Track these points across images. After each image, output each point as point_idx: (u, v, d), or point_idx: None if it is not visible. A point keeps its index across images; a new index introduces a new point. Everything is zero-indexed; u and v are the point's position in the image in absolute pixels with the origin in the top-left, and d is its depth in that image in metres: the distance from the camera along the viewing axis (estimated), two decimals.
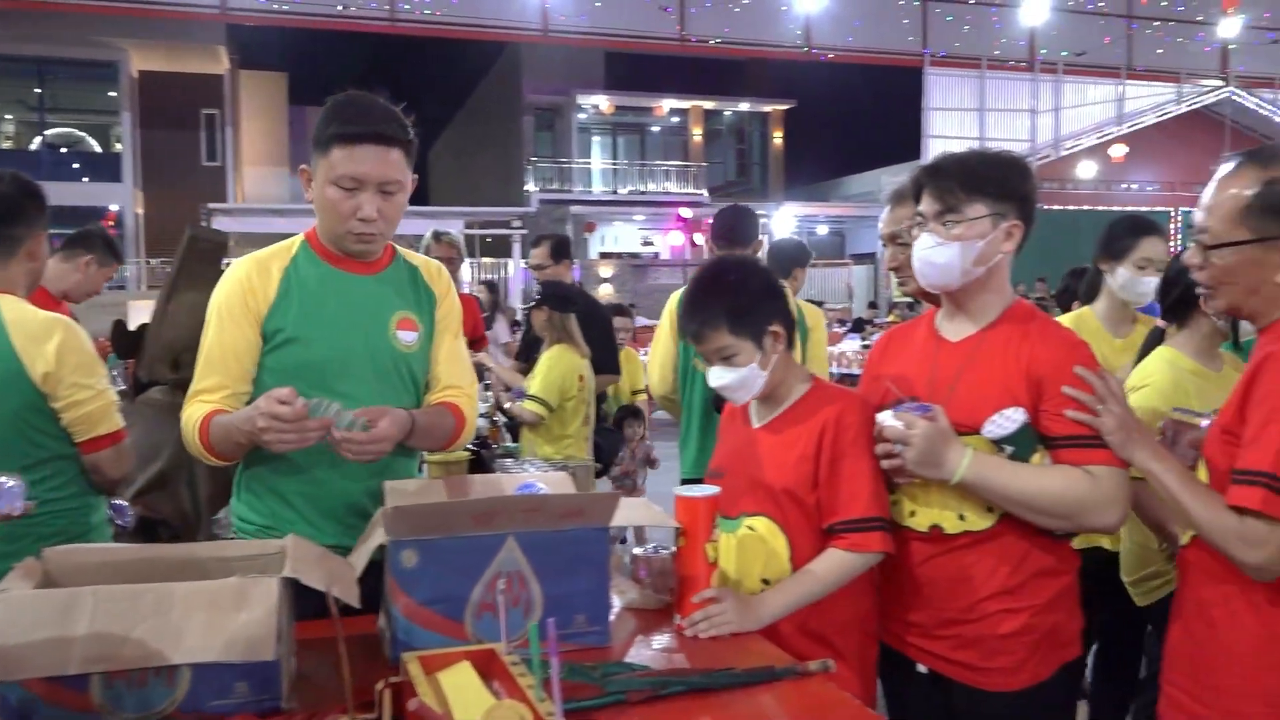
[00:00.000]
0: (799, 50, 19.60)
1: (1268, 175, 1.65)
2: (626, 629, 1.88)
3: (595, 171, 28.09)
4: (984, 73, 20.55)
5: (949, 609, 1.90)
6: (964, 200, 1.88)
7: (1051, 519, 1.82)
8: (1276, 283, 1.66)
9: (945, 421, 1.84)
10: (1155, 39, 20.88)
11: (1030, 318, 1.93)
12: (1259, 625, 1.65)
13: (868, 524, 1.90)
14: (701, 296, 2.01)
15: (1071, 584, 1.93)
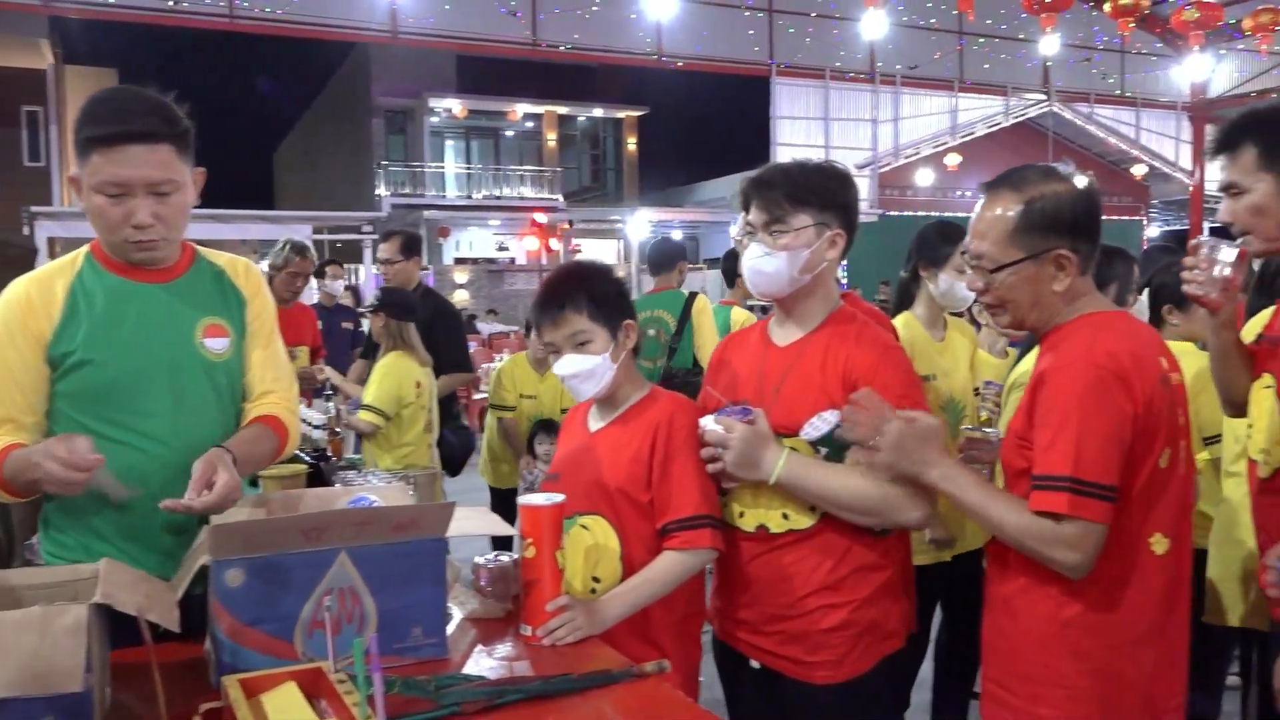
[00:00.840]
0: (650, 57, 19.82)
1: (1026, 196, 1.76)
2: (467, 639, 1.87)
3: (449, 176, 27.70)
4: (828, 83, 21.24)
5: (775, 605, 1.97)
6: (790, 211, 1.94)
7: (861, 516, 1.90)
8: (1054, 292, 1.77)
9: (765, 425, 1.92)
10: (984, 55, 22.04)
11: (850, 321, 2.02)
12: (1055, 613, 1.74)
13: (697, 522, 1.95)
14: (563, 281, 2.05)
15: (893, 578, 2.00)
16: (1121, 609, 1.73)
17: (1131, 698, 1.74)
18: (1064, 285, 1.77)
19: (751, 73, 20.91)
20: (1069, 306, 1.80)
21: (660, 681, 1.69)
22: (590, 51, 19.64)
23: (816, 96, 21.36)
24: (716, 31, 19.89)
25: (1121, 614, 1.73)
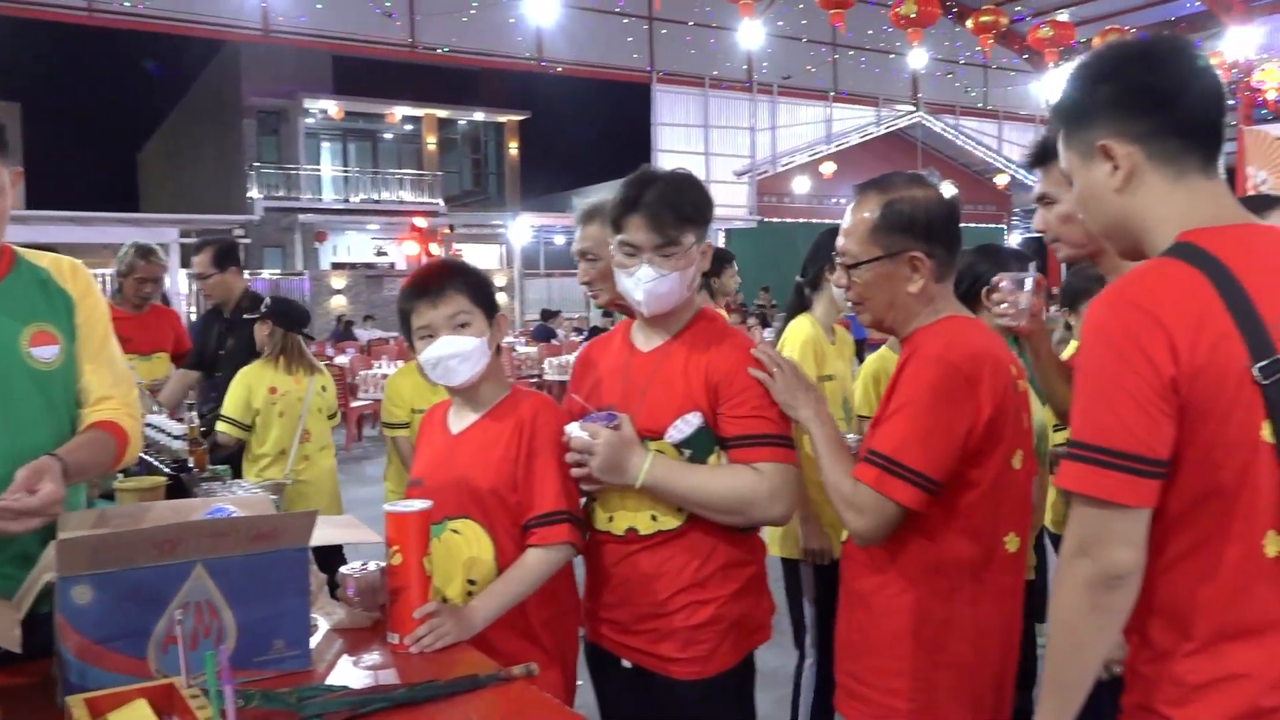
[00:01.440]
0: (530, 62, 19.78)
1: (887, 198, 1.86)
2: (332, 650, 1.85)
3: (325, 178, 27.03)
4: (707, 91, 21.60)
5: (645, 604, 1.99)
6: (680, 232, 1.96)
7: (724, 515, 1.95)
8: (909, 293, 1.86)
9: (630, 430, 1.95)
10: (856, 66, 22.76)
11: (712, 326, 2.07)
12: (911, 607, 1.81)
13: (555, 518, 1.97)
14: (443, 266, 2.08)
15: (758, 573, 2.06)
16: (976, 604, 1.81)
17: (981, 688, 1.83)
18: (918, 287, 1.85)
19: (632, 79, 21.09)
20: (927, 310, 1.88)
21: (528, 685, 1.70)
22: (470, 55, 19.48)
23: (696, 104, 21.68)
24: (597, 38, 20.00)
25: (976, 609, 1.81)
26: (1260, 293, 1.29)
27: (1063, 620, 1.36)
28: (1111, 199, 1.43)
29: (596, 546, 2.06)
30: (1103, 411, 1.31)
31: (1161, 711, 1.36)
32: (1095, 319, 1.35)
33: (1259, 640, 1.31)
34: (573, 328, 18.00)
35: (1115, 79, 1.41)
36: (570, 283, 25.05)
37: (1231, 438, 1.29)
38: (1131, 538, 1.30)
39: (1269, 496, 1.29)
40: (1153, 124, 1.38)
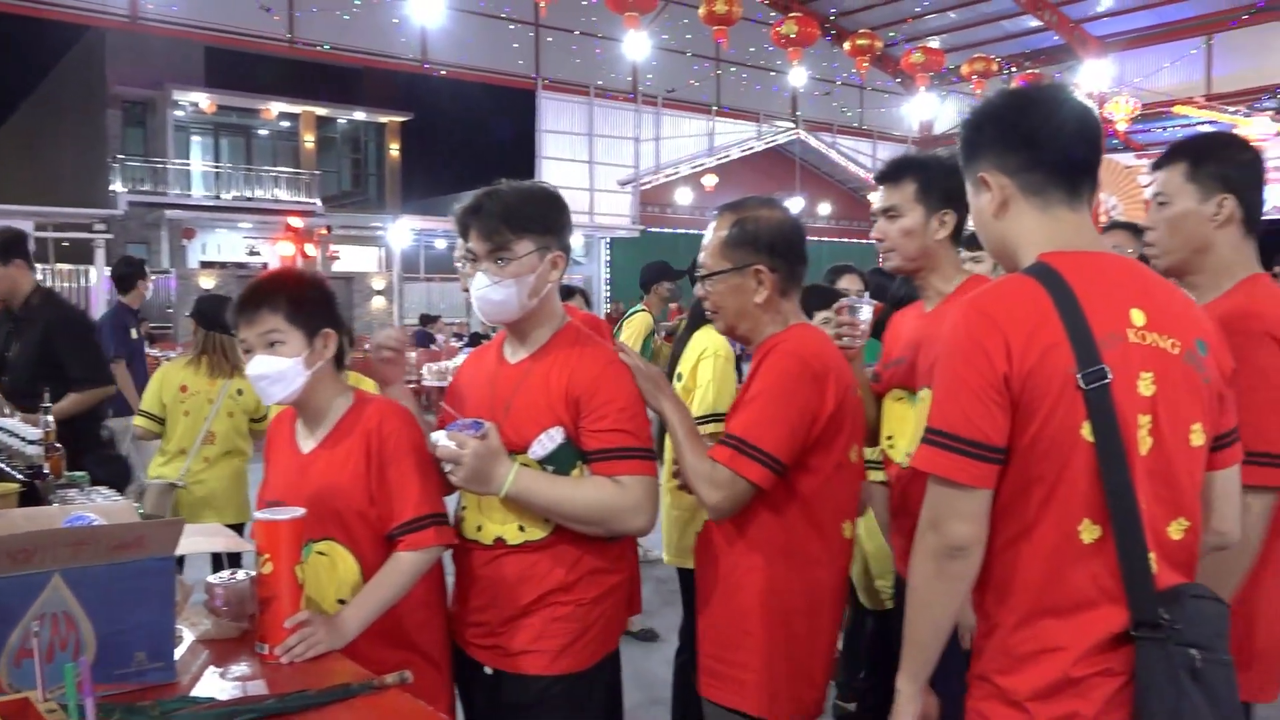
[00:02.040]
0: (414, 63, 19.51)
1: (738, 217, 2.08)
2: (198, 662, 1.80)
3: (195, 174, 26.00)
4: (592, 100, 21.70)
5: (510, 608, 2.01)
6: (513, 239, 1.98)
7: (587, 526, 1.98)
8: (756, 303, 2.06)
9: (496, 439, 1.95)
10: (738, 82, 23.23)
11: (575, 340, 2.08)
12: (761, 586, 2.00)
13: (420, 523, 1.98)
14: (265, 281, 2.04)
15: (621, 582, 2.09)
16: (816, 584, 2.03)
17: (814, 659, 2.05)
18: (763, 298, 2.05)
19: (518, 85, 21.02)
20: (775, 320, 2.08)
21: (401, 692, 1.70)
22: (351, 53, 19.10)
23: (581, 112, 21.75)
24: (483, 42, 19.87)
25: (816, 588, 2.03)
26: (1095, 311, 1.48)
27: (916, 586, 1.56)
28: (992, 223, 1.65)
29: (465, 554, 2.08)
30: (949, 402, 1.50)
31: (994, 680, 1.54)
32: (953, 322, 1.54)
33: (1072, 617, 1.48)
34: (453, 333, 17.80)
35: (996, 121, 1.63)
36: (451, 287, 24.78)
37: (1055, 434, 1.46)
38: (971, 514, 1.49)
39: (1085, 488, 1.46)
40: (1023, 160, 1.59)
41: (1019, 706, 1.50)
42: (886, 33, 21.28)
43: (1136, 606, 1.46)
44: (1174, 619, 1.43)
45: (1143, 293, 1.54)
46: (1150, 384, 1.49)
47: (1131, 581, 1.46)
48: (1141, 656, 1.44)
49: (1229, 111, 18.90)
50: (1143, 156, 21.67)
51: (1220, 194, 2.02)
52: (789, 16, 16.23)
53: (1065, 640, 1.48)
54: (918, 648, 1.58)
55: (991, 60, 19.14)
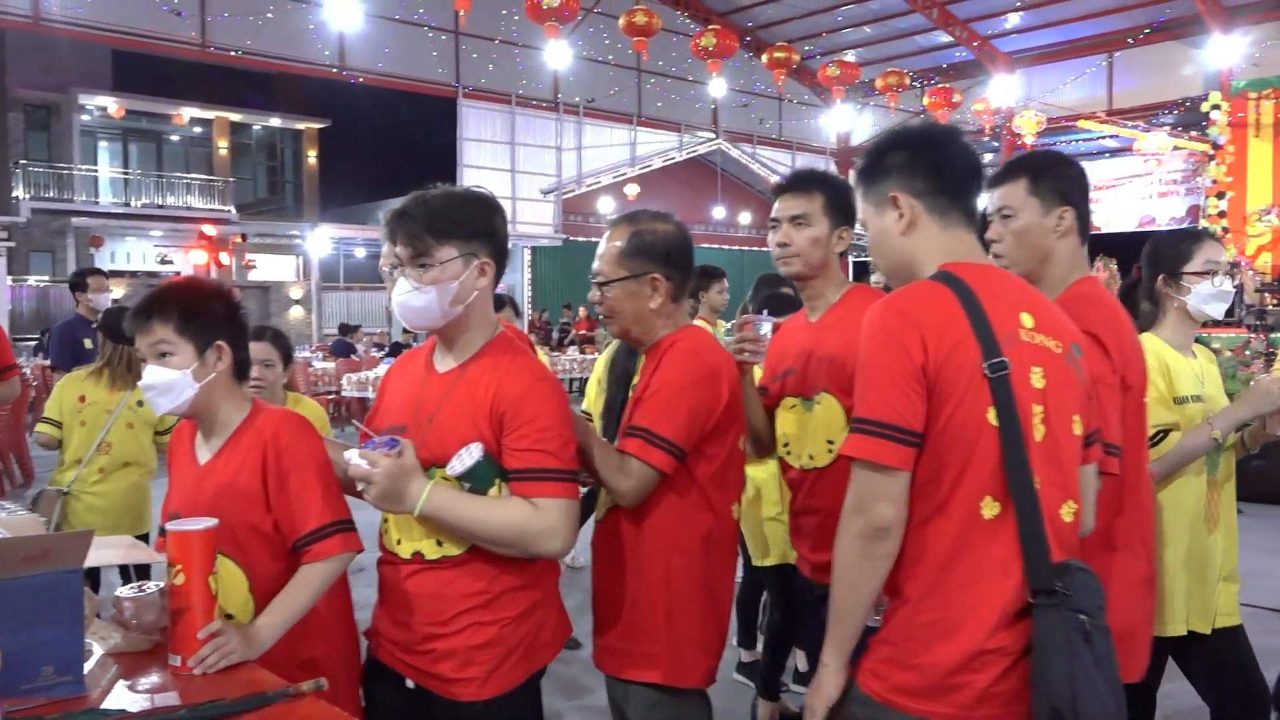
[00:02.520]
0: (331, 70, 19.24)
1: (635, 229, 2.23)
2: (108, 675, 1.78)
3: (103, 180, 25.25)
4: (514, 109, 21.64)
5: (427, 625, 1.98)
6: (434, 245, 1.94)
7: (500, 547, 1.93)
8: (650, 309, 2.21)
9: (411, 457, 1.90)
10: (659, 92, 23.41)
11: (506, 351, 2.03)
12: (663, 568, 2.14)
13: (325, 532, 1.98)
14: (161, 292, 2.04)
15: (543, 598, 2.06)
16: (713, 564, 2.19)
17: (712, 631, 2.22)
18: (658, 304, 2.21)
19: (438, 93, 20.87)
20: (667, 323, 2.25)
21: (317, 699, 1.71)
22: (266, 59, 18.74)
23: (503, 121, 21.69)
24: (402, 49, 19.70)
25: (713, 568, 2.20)
26: (993, 311, 1.68)
27: (843, 565, 1.69)
28: (898, 239, 1.82)
29: (386, 565, 2.07)
30: (873, 393, 1.66)
31: (896, 644, 1.69)
32: (870, 322, 1.70)
33: (974, 588, 1.64)
34: (373, 343, 17.56)
35: (905, 150, 1.82)
36: (371, 296, 24.47)
37: (965, 419, 1.63)
38: (894, 496, 1.64)
39: (989, 468, 1.63)
40: (931, 186, 1.80)
41: (920, 672, 1.64)
42: (804, 46, 21.65)
43: (1035, 576, 1.61)
44: (1067, 588, 1.60)
45: (1028, 300, 1.76)
46: (1041, 378, 1.68)
47: (1030, 553, 1.61)
48: (1040, 621, 1.58)
49: (1128, 126, 19.69)
50: None
51: (1060, 206, 2.24)
52: (708, 29, 16.41)
53: (967, 610, 1.63)
54: (845, 624, 1.70)
55: (904, 74, 19.60)
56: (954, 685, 1.61)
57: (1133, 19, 19.73)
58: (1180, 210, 20.14)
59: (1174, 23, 19.25)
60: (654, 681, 2.15)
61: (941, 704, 1.62)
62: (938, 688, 1.63)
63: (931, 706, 1.63)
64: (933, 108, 19.37)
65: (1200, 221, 19.01)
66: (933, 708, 1.63)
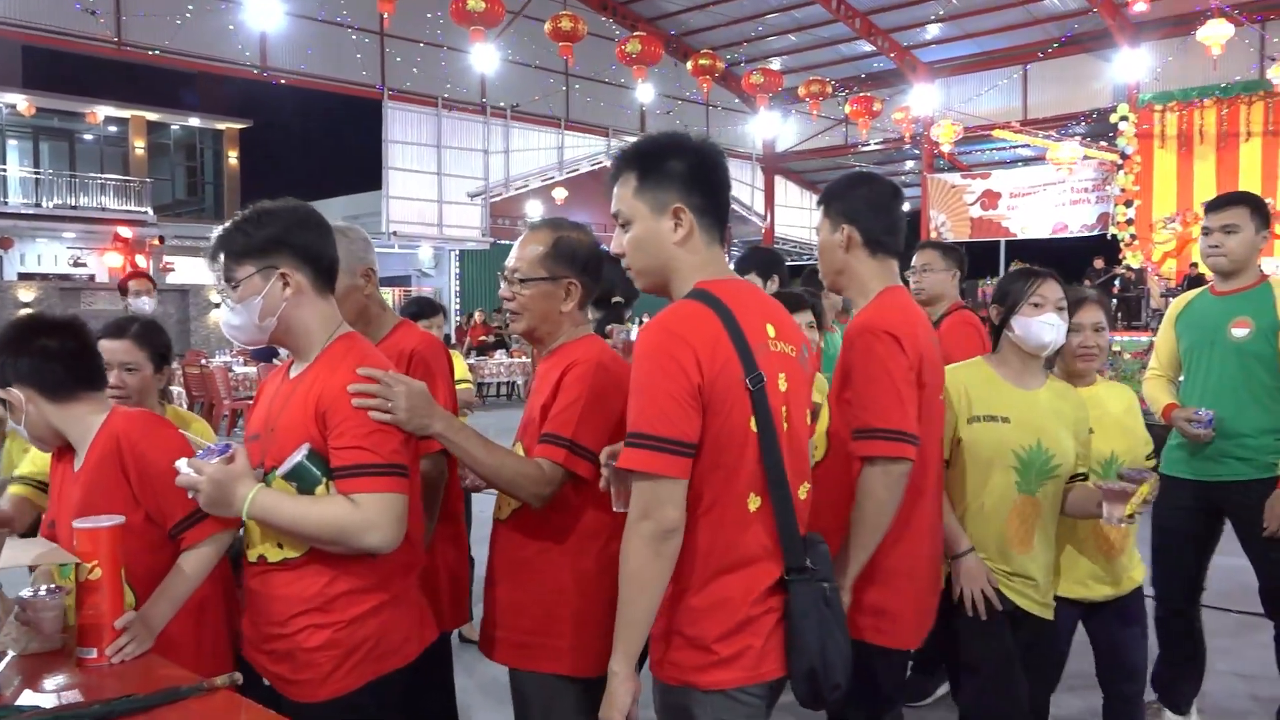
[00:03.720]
0: (252, 70, 18.92)
1: (558, 235, 2.31)
2: (17, 675, 1.80)
3: (12, 179, 24.43)
4: (440, 111, 21.49)
5: (268, 625, 2.03)
6: (234, 265, 2.03)
7: (326, 545, 1.97)
8: (562, 312, 2.29)
9: (242, 462, 1.95)
10: (586, 97, 23.46)
11: (336, 354, 2.05)
12: (567, 566, 2.20)
13: (194, 518, 2.04)
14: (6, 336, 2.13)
15: (391, 600, 2.07)
16: (610, 560, 2.17)
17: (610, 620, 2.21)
18: (569, 308, 2.30)
19: (362, 94, 20.63)
20: (574, 328, 2.33)
21: (231, 694, 1.74)
22: (185, 57, 18.34)
23: (429, 123, 21.51)
24: (325, 50, 19.45)
25: (610, 563, 2.18)
26: (748, 326, 1.88)
27: (633, 569, 1.84)
28: (669, 246, 1.96)
29: (244, 567, 2.12)
30: (652, 408, 1.81)
31: (684, 632, 1.89)
32: (644, 342, 1.86)
33: (743, 571, 1.87)
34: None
35: (688, 162, 1.95)
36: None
37: (733, 428, 1.84)
38: (676, 500, 1.81)
39: (751, 468, 1.86)
40: (705, 203, 1.95)
41: (706, 649, 1.86)
42: (728, 53, 21.92)
43: (790, 556, 1.89)
44: (812, 562, 1.90)
45: (769, 311, 1.99)
46: (784, 381, 1.93)
47: (786, 538, 1.88)
48: (795, 594, 1.88)
49: (1042, 135, 20.33)
50: (967, 177, 23.07)
51: (843, 225, 2.45)
52: (633, 35, 16.56)
53: (738, 591, 1.87)
54: (635, 629, 1.85)
55: (827, 83, 19.99)
56: (737, 652, 1.86)
57: (1046, 32, 20.38)
58: (1091, 218, 20.85)
59: (1084, 36, 19.95)
60: (561, 673, 2.21)
61: (732, 670, 1.86)
62: (725, 658, 1.86)
63: (725, 675, 1.86)
64: (855, 115, 19.80)
65: (1109, 228, 19.72)
66: (726, 675, 1.86)
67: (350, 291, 2.59)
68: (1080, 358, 2.98)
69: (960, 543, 2.63)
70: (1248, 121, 18.13)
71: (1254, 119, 18.06)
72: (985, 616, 2.59)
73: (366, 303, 2.68)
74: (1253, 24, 17.42)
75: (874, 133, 21.71)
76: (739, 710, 1.88)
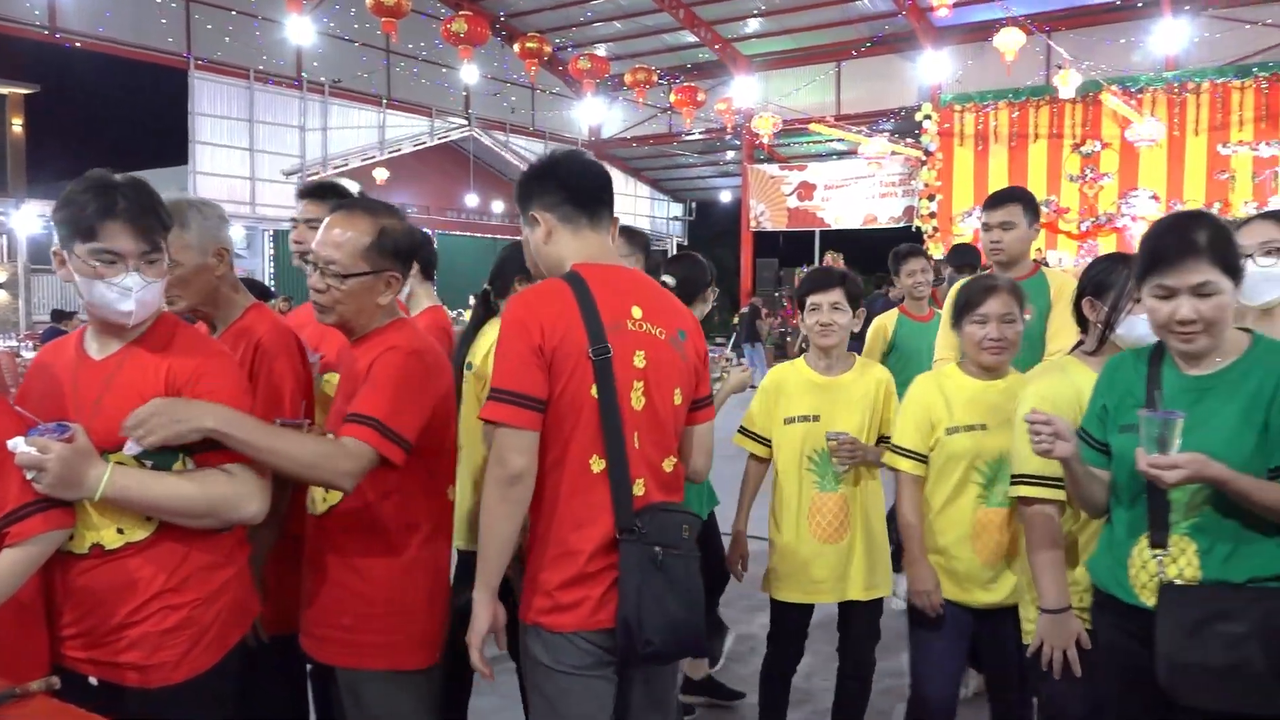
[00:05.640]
0: (40, 31, 17.49)
1: (380, 225, 2.25)
2: None
3: None
4: (253, 84, 20.48)
5: (114, 616, 1.95)
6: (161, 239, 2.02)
7: (197, 519, 1.96)
8: (378, 304, 2.26)
9: (85, 440, 1.87)
10: (409, 76, 22.89)
11: (174, 330, 2.09)
12: (386, 557, 2.21)
13: (22, 512, 1.89)
14: None
15: (236, 575, 2.09)
16: (436, 547, 2.30)
17: (437, 611, 2.31)
18: (387, 300, 2.27)
19: (167, 63, 19.42)
20: (385, 317, 2.31)
21: (48, 699, 1.67)
22: None
23: (241, 96, 20.48)
24: (124, 13, 18.21)
25: (436, 551, 2.30)
26: (605, 305, 2.11)
27: (486, 509, 2.08)
28: (544, 248, 2.24)
29: (55, 566, 1.97)
30: (506, 368, 2.06)
31: (535, 577, 2.13)
32: (505, 313, 2.12)
33: (587, 528, 2.10)
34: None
35: (537, 175, 2.24)
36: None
37: (574, 392, 2.07)
38: (522, 449, 2.04)
39: (593, 432, 2.08)
40: (558, 199, 2.21)
41: (550, 595, 2.09)
42: (555, 37, 21.87)
43: (620, 518, 2.08)
44: (644, 526, 2.08)
45: (641, 295, 2.21)
46: (643, 359, 2.14)
47: (618, 501, 2.09)
48: (622, 553, 2.07)
49: (853, 131, 21.31)
50: (785, 168, 23.92)
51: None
52: (459, 14, 16.27)
53: (581, 545, 2.09)
54: (492, 563, 2.09)
55: (652, 71, 20.26)
56: (576, 601, 2.08)
57: (858, 31, 21.34)
58: (898, 210, 22.04)
59: (892, 37, 21.01)
60: (388, 668, 2.20)
61: (571, 616, 2.09)
62: (565, 605, 2.09)
63: (564, 619, 2.09)
64: (679, 105, 20.15)
65: (914, 221, 20.91)
66: (565, 620, 2.09)
67: (200, 271, 2.45)
68: (988, 350, 2.81)
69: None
70: (1035, 124, 19.58)
71: (1041, 122, 19.52)
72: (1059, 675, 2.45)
73: (218, 284, 2.51)
74: (1042, 33, 18.79)
75: (697, 122, 22.15)
76: (575, 653, 2.09)
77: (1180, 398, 2.07)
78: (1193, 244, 1.97)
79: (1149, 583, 2.09)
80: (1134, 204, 18.46)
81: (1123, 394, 2.19)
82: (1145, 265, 2.05)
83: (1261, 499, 1.96)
